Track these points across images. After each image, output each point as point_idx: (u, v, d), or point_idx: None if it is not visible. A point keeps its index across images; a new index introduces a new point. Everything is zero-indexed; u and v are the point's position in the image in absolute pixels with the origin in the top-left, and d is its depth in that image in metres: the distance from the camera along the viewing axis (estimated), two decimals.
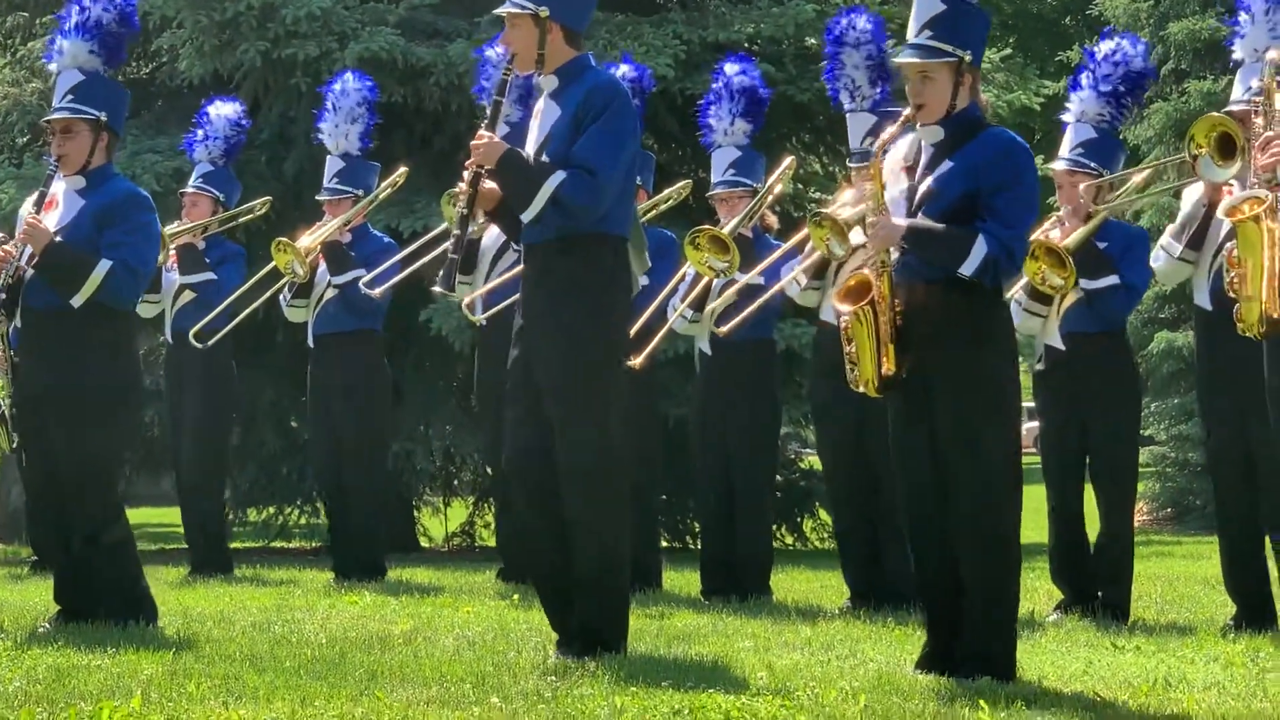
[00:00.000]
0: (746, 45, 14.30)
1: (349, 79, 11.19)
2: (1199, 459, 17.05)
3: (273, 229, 12.56)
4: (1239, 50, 7.95)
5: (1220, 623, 8.21)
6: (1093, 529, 8.77)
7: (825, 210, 8.79)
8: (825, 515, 14.82)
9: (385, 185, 11.16)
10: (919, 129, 6.38)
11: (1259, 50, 7.71)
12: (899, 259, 6.32)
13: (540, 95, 6.95)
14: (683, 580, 10.35)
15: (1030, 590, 8.58)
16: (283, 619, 8.22)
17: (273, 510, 15.66)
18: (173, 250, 11.13)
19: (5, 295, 7.78)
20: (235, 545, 14.21)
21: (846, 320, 6.32)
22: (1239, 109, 7.71)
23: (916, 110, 6.32)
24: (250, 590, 10.05)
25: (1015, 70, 16.61)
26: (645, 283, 8.54)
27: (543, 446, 6.74)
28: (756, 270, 9.43)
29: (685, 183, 10.91)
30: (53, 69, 8.20)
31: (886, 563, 9.00)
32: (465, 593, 9.89)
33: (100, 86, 8.00)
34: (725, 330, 9.44)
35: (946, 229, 6.20)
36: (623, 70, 10.01)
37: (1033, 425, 19.02)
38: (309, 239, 10.84)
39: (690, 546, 14.43)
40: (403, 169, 11.29)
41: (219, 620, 8.15)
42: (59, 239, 7.69)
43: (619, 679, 6.10)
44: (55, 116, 7.91)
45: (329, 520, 11.49)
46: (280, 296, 11.12)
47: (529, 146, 6.89)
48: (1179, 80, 18.64)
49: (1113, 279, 8.58)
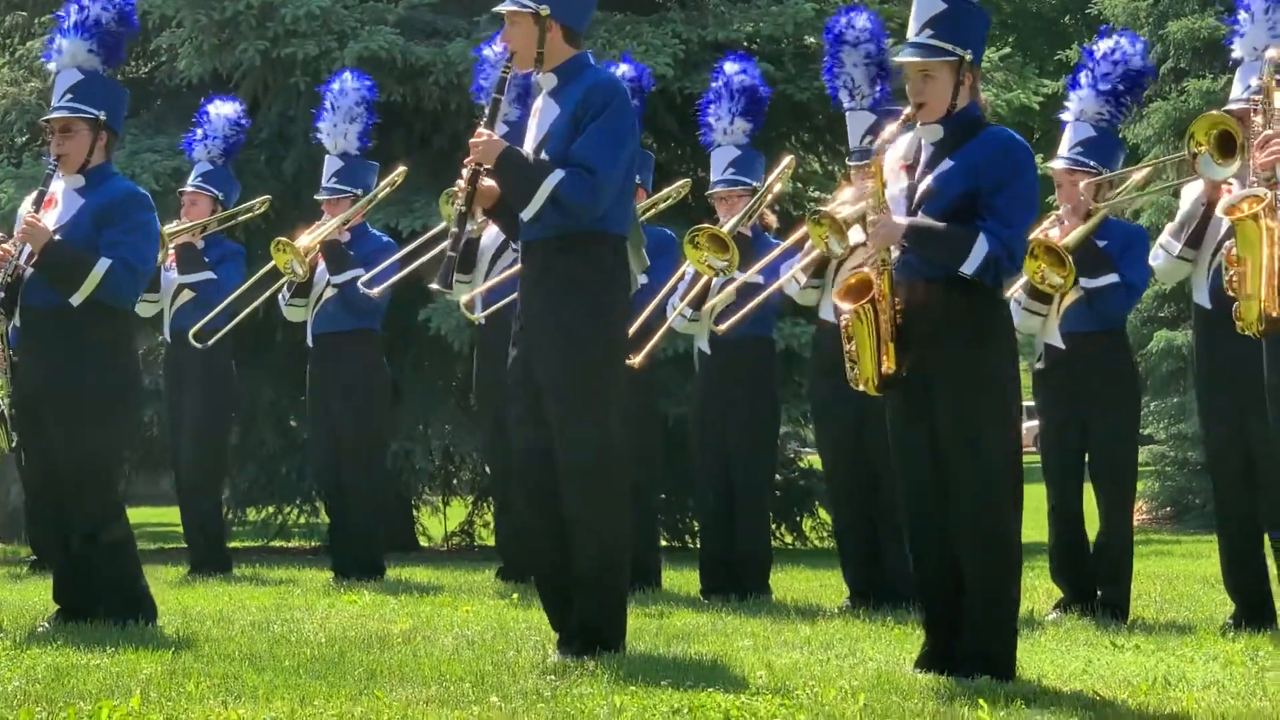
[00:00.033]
0: (746, 44, 14.29)
1: (347, 78, 11.18)
2: (1198, 458, 17.01)
3: (272, 228, 12.56)
4: (1238, 49, 7.94)
5: (1219, 621, 8.20)
6: (1092, 528, 8.77)
7: (824, 209, 8.78)
8: (825, 514, 14.80)
9: (384, 184, 11.15)
10: (919, 128, 6.37)
11: (1258, 49, 7.70)
12: (899, 257, 6.31)
13: (539, 93, 6.94)
14: (682, 579, 10.34)
15: (1030, 589, 8.57)
16: (282, 618, 8.22)
17: (272, 510, 15.65)
18: (172, 249, 11.11)
19: (4, 294, 7.77)
20: (234, 545, 14.21)
21: (847, 318, 6.32)
22: (1238, 107, 7.71)
23: (917, 109, 6.32)
24: (249, 590, 10.04)
25: (1014, 69, 16.62)
26: (644, 281, 8.53)
27: (543, 446, 6.74)
28: (755, 269, 9.42)
29: (684, 181, 10.90)
30: (52, 68, 8.20)
31: (886, 562, 8.99)
32: (464, 592, 9.88)
33: (99, 85, 7.99)
34: (724, 328, 9.45)
35: (947, 228, 6.20)
36: (622, 69, 10.00)
37: (1033, 424, 18.99)
38: (308, 238, 10.83)
39: (690, 545, 14.42)
40: (401, 168, 11.29)
41: (218, 619, 8.14)
42: (58, 238, 7.69)
43: (618, 678, 6.09)
44: (54, 115, 7.91)
45: (328, 520, 11.49)
46: (279, 296, 11.11)
47: (528, 145, 6.88)
48: (1178, 79, 18.62)
49: (1112, 277, 8.57)
